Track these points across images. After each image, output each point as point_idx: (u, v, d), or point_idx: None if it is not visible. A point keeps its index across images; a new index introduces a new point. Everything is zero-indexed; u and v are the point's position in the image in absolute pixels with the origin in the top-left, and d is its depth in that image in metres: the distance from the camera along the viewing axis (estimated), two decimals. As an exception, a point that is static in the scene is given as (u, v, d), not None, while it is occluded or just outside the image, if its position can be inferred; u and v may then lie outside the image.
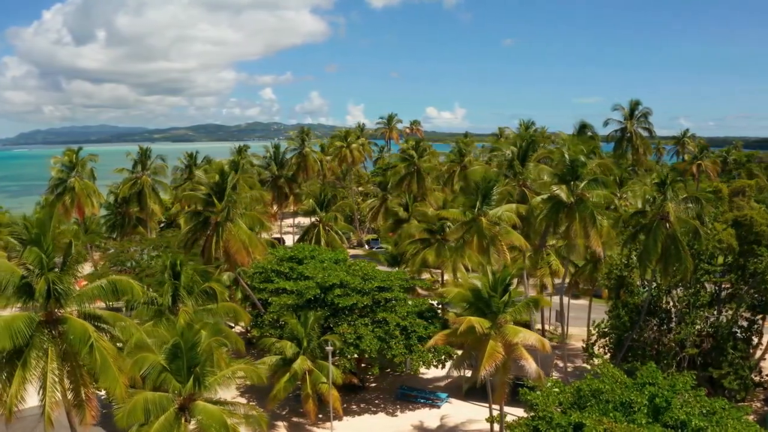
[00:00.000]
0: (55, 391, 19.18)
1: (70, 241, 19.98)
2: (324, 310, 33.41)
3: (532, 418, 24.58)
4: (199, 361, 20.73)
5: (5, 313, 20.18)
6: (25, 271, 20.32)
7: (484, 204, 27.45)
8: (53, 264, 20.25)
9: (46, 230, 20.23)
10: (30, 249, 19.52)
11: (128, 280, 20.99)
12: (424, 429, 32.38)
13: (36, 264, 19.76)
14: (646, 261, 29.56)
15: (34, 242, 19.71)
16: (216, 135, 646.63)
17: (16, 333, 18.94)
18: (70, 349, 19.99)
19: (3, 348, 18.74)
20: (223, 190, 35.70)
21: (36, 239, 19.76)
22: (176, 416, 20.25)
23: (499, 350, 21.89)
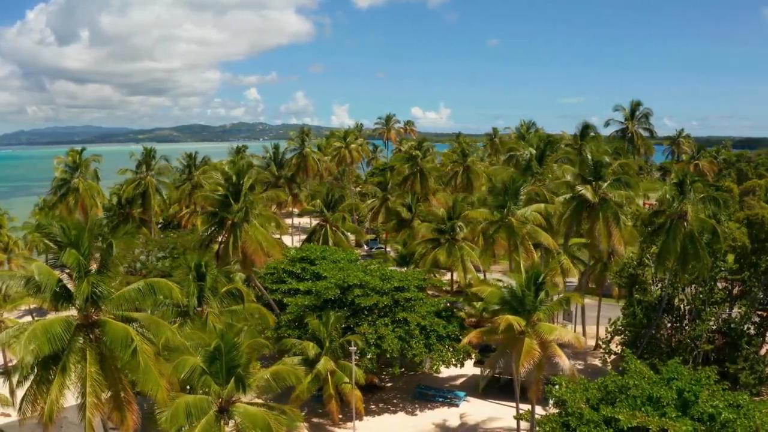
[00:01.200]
0: (94, 395, 18.91)
1: (111, 242, 19.73)
2: (344, 311, 33.40)
3: (560, 415, 24.91)
4: (239, 363, 20.63)
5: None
6: (62, 274, 20.06)
7: (512, 204, 27.67)
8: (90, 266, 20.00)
9: (83, 232, 20.00)
10: (69, 251, 19.24)
11: (166, 282, 20.80)
12: (445, 428, 32.56)
13: (75, 266, 19.49)
14: (664, 259, 30.10)
15: (72, 245, 19.44)
16: (201, 135, 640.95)
17: (54, 337, 18.65)
18: (108, 353, 19.75)
19: (42, 353, 18.38)
20: (239, 190, 35.53)
21: (75, 242, 19.50)
22: (216, 419, 20.14)
23: (535, 348, 22.16)
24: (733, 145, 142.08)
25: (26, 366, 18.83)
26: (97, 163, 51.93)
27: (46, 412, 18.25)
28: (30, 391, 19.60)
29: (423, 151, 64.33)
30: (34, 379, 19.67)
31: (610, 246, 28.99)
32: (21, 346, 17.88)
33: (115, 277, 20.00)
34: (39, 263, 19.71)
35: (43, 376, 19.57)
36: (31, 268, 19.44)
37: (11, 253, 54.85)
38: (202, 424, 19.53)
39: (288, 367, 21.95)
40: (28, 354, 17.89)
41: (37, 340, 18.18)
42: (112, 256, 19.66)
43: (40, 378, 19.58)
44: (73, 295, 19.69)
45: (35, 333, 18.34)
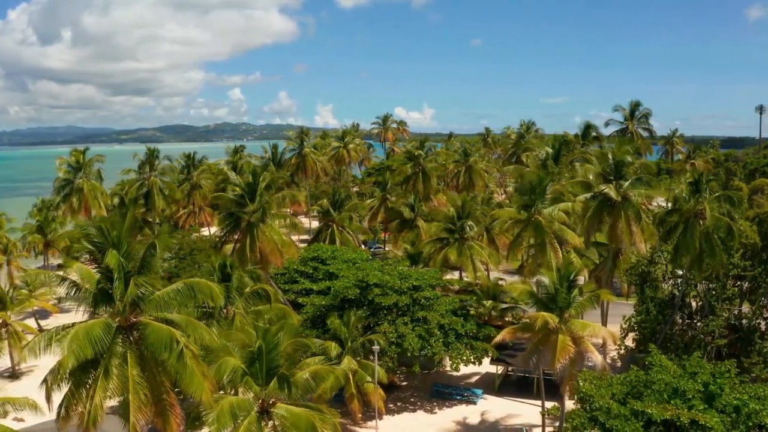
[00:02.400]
0: (138, 398, 18.68)
1: (153, 243, 19.52)
2: (363, 310, 33.44)
3: (585, 409, 25.25)
4: (279, 363, 20.57)
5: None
6: (101, 276, 19.74)
7: (538, 203, 28.00)
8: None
9: (123, 234, 19.78)
10: (111, 253, 18.99)
11: (206, 282, 20.61)
12: (466, 425, 32.79)
13: (116, 268, 19.25)
14: (681, 256, 30.68)
15: (114, 246, 19.20)
16: (184, 136, 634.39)
17: (96, 340, 18.34)
18: (149, 355, 19.50)
19: (85, 357, 18.03)
20: (254, 190, 35.40)
21: (116, 243, 19.27)
22: (258, 419, 20.06)
23: (570, 344, 22.44)
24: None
25: (68, 370, 18.46)
26: (101, 163, 51.20)
27: (90, 416, 17.95)
28: (68, 395, 19.27)
29: (425, 150, 64.53)
30: (73, 383, 19.34)
31: (632, 244, 29.49)
32: (64, 349, 17.56)
33: (157, 278, 19.78)
34: (79, 264, 19.39)
35: (81, 380, 19.23)
36: (72, 269, 19.09)
37: (10, 254, 53.93)
38: (245, 425, 19.43)
39: (326, 366, 21.90)
40: (71, 357, 17.57)
41: (79, 343, 17.89)
42: (155, 256, 19.43)
43: (79, 382, 19.25)
44: (114, 296, 19.43)
45: (77, 336, 18.03)
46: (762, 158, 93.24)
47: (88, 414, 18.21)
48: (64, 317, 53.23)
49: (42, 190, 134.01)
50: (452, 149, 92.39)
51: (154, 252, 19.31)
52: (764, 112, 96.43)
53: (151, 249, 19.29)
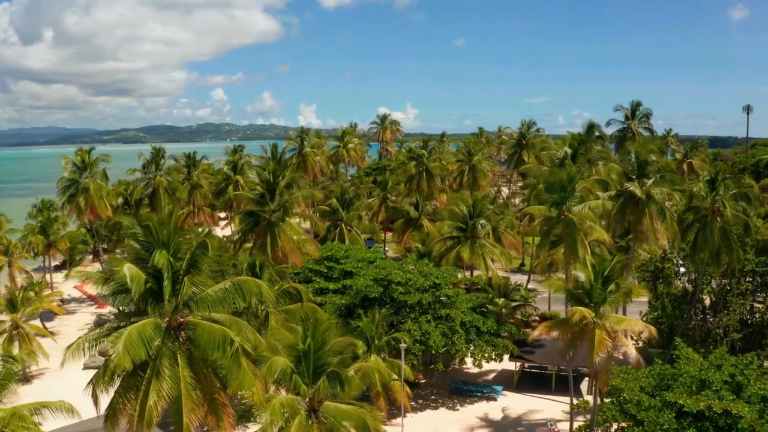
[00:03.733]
0: (190, 399, 18.53)
1: (204, 242, 19.39)
2: (387, 308, 33.56)
3: (613, 403, 25.71)
4: (326, 362, 20.59)
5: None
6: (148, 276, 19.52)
7: (568, 200, 28.46)
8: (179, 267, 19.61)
9: (172, 233, 19.64)
10: (160, 252, 18.84)
11: (255, 280, 20.54)
12: (489, 421, 33.10)
13: (166, 268, 19.09)
14: (700, 252, 31.39)
15: (163, 245, 19.04)
16: (167, 136, 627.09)
17: (148, 341, 18.09)
18: (198, 355, 19.35)
19: (139, 358, 17.73)
20: (274, 189, 35.29)
21: (166, 242, 19.11)
22: (307, 418, 20.06)
23: (606, 338, 22.85)
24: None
25: (122, 372, 18.21)
26: (106, 163, 50.48)
27: (144, 419, 17.74)
28: (116, 398, 19.01)
29: (429, 150, 64.85)
30: (121, 385, 19.10)
31: (656, 240, 30.11)
32: (120, 351, 17.28)
33: (207, 277, 19.65)
34: (129, 263, 19.14)
35: (130, 382, 18.96)
36: (121, 268, 18.86)
37: (12, 256, 53.00)
38: (296, 425, 19.37)
39: (372, 364, 21.98)
40: (127, 358, 17.34)
41: (134, 345, 17.68)
42: (206, 255, 19.31)
43: (128, 384, 18.98)
44: (163, 296, 19.25)
45: (131, 337, 17.76)
46: (750, 157, 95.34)
47: (141, 416, 18.00)
48: (68, 319, 52.55)
49: (29, 191, 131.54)
50: (443, 149, 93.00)
51: (205, 251, 19.17)
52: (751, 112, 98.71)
53: (201, 248, 19.14)
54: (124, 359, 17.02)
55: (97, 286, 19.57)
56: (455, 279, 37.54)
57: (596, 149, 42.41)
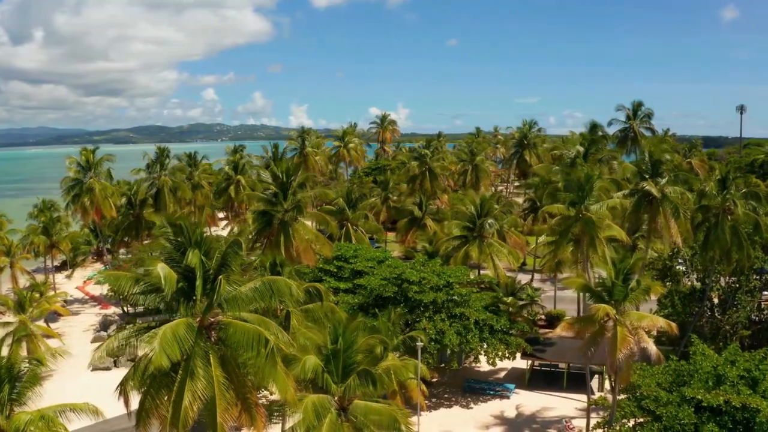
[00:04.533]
0: (224, 399, 18.46)
1: (237, 241, 19.35)
2: (402, 307, 33.66)
3: (629, 399, 25.97)
4: (356, 360, 20.66)
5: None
6: (179, 276, 19.42)
7: (586, 199, 28.73)
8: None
9: (203, 232, 19.59)
10: (193, 252, 18.78)
11: (285, 279, 20.52)
12: (503, 418, 33.31)
13: (198, 267, 19.02)
14: (711, 250, 31.80)
15: (196, 245, 18.99)
16: (158, 136, 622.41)
17: (182, 341, 17.91)
18: (230, 354, 19.29)
19: (174, 358, 17.54)
20: (287, 189, 35.24)
21: (198, 242, 19.06)
22: (337, 417, 20.10)
23: (629, 335, 23.10)
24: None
25: (157, 372, 18.02)
26: (110, 162, 50.10)
27: (180, 419, 17.65)
28: (148, 399, 18.85)
29: (432, 150, 65.03)
30: (152, 386, 18.94)
31: (670, 239, 30.48)
32: (157, 351, 17.15)
33: (239, 276, 19.62)
34: (162, 263, 19.02)
35: (162, 383, 18.81)
36: (155, 267, 18.77)
37: (14, 257, 52.55)
38: (327, 423, 19.41)
39: (399, 362, 22.06)
40: (163, 358, 17.24)
41: (169, 344, 17.58)
42: (238, 254, 19.28)
43: (159, 384, 18.84)
44: (195, 295, 19.18)
45: (166, 337, 17.60)
46: (745, 156, 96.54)
47: (175, 417, 17.91)
48: (72, 320, 52.08)
49: (23, 191, 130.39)
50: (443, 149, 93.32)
51: (239, 250, 19.13)
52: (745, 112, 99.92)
53: (234, 247, 19.09)
54: (161, 358, 16.91)
55: (126, 286, 19.37)
56: (468, 278, 37.73)
57: (606, 149, 42.80)
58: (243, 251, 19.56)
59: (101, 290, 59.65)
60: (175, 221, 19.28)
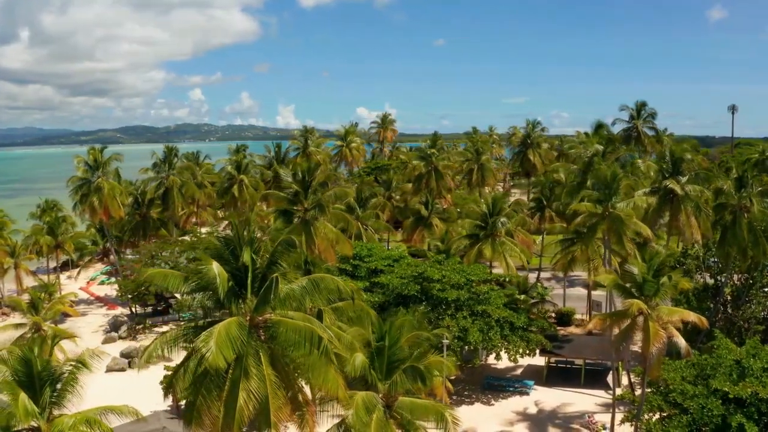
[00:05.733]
0: (277, 398, 18.41)
1: (290, 239, 19.32)
2: (425, 305, 33.82)
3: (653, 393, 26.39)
4: (400, 358, 20.77)
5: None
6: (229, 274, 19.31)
7: (613, 197, 29.13)
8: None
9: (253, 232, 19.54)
10: (246, 249, 18.77)
11: (332, 277, 20.54)
12: (526, 415, 33.63)
13: (250, 266, 18.97)
14: (728, 247, 32.41)
15: (248, 243, 18.95)
16: (145, 137, 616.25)
17: (235, 340, 17.74)
18: (279, 353, 19.24)
19: (229, 358, 17.36)
20: (308, 187, 35.20)
21: (250, 241, 19.02)
22: (384, 414, 20.19)
23: (660, 330, 23.49)
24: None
25: (215, 370, 17.81)
26: (119, 162, 49.58)
27: (236, 418, 17.55)
28: (200, 399, 18.65)
29: (438, 149, 65.28)
30: (203, 386, 18.77)
31: (692, 234, 31.01)
32: (214, 351, 16.98)
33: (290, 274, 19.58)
34: (215, 261, 18.89)
35: (213, 383, 18.66)
36: (210, 266, 18.65)
37: (18, 257, 51.88)
38: (376, 420, 19.52)
39: (438, 358, 22.22)
40: (220, 358, 17.13)
41: (224, 344, 17.47)
42: (291, 253, 19.26)
43: (210, 384, 18.70)
44: (245, 294, 19.11)
45: (221, 336, 17.41)
46: (738, 156, 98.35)
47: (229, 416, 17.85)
48: (80, 320, 51.42)
49: (15, 191, 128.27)
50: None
51: (292, 248, 19.10)
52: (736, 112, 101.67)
53: (287, 245, 19.06)
54: (218, 359, 16.80)
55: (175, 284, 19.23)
56: (487, 276, 38.01)
57: (622, 148, 43.41)
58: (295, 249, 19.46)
59: (106, 291, 59.07)
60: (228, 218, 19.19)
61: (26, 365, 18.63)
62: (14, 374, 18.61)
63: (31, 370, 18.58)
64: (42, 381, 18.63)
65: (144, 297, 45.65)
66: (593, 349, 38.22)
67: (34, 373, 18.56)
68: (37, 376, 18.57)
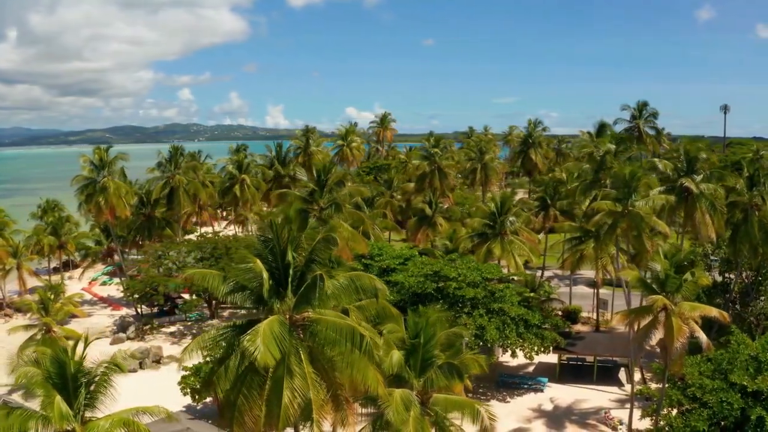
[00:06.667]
0: (318, 396, 18.42)
1: (330, 237, 19.34)
2: (441, 304, 33.92)
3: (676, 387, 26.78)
4: (434, 355, 20.88)
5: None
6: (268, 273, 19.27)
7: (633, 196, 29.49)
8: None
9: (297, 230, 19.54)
10: (289, 248, 18.76)
11: (368, 275, 20.61)
12: (542, 411, 33.90)
13: (292, 264, 18.96)
14: (739, 244, 32.95)
15: (291, 242, 18.94)
16: (134, 137, 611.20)
17: (279, 339, 17.71)
18: (318, 350, 19.23)
19: (276, 357, 17.26)
20: (323, 186, 35.18)
21: (293, 240, 19.01)
22: (421, 411, 20.28)
23: (683, 325, 23.85)
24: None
25: (265, 368, 17.69)
26: (124, 161, 49.14)
27: (281, 417, 17.51)
28: (241, 399, 18.56)
29: (441, 148, 65.49)
30: (244, 386, 18.71)
31: (707, 234, 31.49)
32: (262, 349, 16.88)
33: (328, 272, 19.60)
34: (257, 260, 18.84)
35: (254, 382, 18.62)
36: (256, 263, 18.62)
37: (20, 258, 51.26)
38: (413, 417, 19.58)
39: (473, 355, 22.37)
40: (268, 357, 17.08)
41: (270, 343, 17.44)
42: (331, 250, 19.29)
43: (251, 383, 18.62)
44: (286, 292, 19.09)
45: (266, 335, 17.35)
46: (731, 155, 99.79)
47: (272, 415, 17.82)
48: (85, 321, 50.85)
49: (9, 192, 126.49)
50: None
51: (333, 246, 19.12)
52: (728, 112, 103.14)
53: (327, 242, 19.08)
54: (266, 357, 16.77)
55: (214, 284, 19.15)
56: (500, 274, 38.26)
57: (634, 147, 43.91)
58: (336, 247, 19.49)
59: (108, 291, 58.53)
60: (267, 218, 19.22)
61: (60, 367, 18.41)
62: (47, 376, 18.41)
63: (65, 371, 18.35)
64: (76, 383, 18.43)
65: (152, 297, 45.32)
66: (604, 346, 38.68)
67: (67, 375, 18.33)
68: (70, 378, 18.35)
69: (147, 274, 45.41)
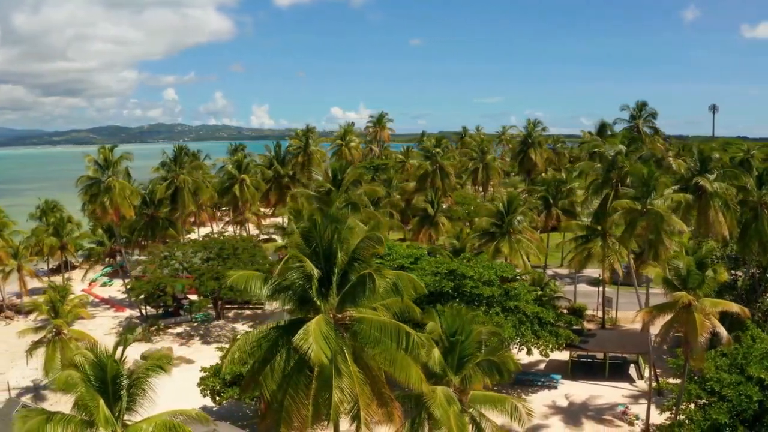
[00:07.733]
0: (364, 395, 18.46)
1: (375, 236, 19.38)
2: (458, 302, 34.12)
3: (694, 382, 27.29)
4: (470, 352, 21.07)
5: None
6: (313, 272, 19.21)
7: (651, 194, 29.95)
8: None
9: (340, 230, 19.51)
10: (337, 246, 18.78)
11: (408, 275, 20.71)
12: (557, 408, 34.30)
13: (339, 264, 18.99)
14: (749, 242, 33.67)
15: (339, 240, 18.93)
16: (118, 137, 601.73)
17: (328, 338, 17.72)
18: (360, 349, 19.30)
19: (328, 355, 17.25)
20: (338, 186, 35.20)
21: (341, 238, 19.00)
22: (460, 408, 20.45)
23: (706, 321, 24.35)
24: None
25: (320, 366, 17.57)
26: (129, 161, 48.58)
27: (332, 416, 17.57)
28: (288, 399, 18.46)
29: (442, 148, 65.78)
30: (291, 386, 18.65)
31: (721, 232, 32.13)
32: (315, 348, 16.81)
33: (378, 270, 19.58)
34: (308, 260, 18.76)
35: (299, 382, 18.53)
36: (307, 262, 18.56)
37: (21, 259, 50.46)
38: (454, 413, 19.76)
39: (509, 353, 22.61)
40: (322, 356, 17.08)
41: (321, 341, 17.43)
42: (375, 249, 19.34)
43: (297, 383, 18.54)
44: (330, 292, 19.10)
45: (318, 335, 17.33)
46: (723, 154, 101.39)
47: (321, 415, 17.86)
48: (90, 323, 50.16)
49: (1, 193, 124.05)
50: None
51: (378, 244, 19.17)
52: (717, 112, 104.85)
53: (372, 241, 19.13)
54: (320, 354, 16.79)
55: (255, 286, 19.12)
56: (514, 273, 38.59)
57: (645, 147, 44.56)
58: (381, 245, 19.54)
59: (110, 292, 57.82)
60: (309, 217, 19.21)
61: (100, 370, 18.20)
62: (88, 379, 18.18)
63: (105, 374, 18.15)
64: (117, 386, 18.24)
65: (159, 298, 44.92)
66: (615, 343, 39.25)
67: (107, 378, 18.14)
68: (111, 381, 18.16)
69: (154, 274, 44.94)
